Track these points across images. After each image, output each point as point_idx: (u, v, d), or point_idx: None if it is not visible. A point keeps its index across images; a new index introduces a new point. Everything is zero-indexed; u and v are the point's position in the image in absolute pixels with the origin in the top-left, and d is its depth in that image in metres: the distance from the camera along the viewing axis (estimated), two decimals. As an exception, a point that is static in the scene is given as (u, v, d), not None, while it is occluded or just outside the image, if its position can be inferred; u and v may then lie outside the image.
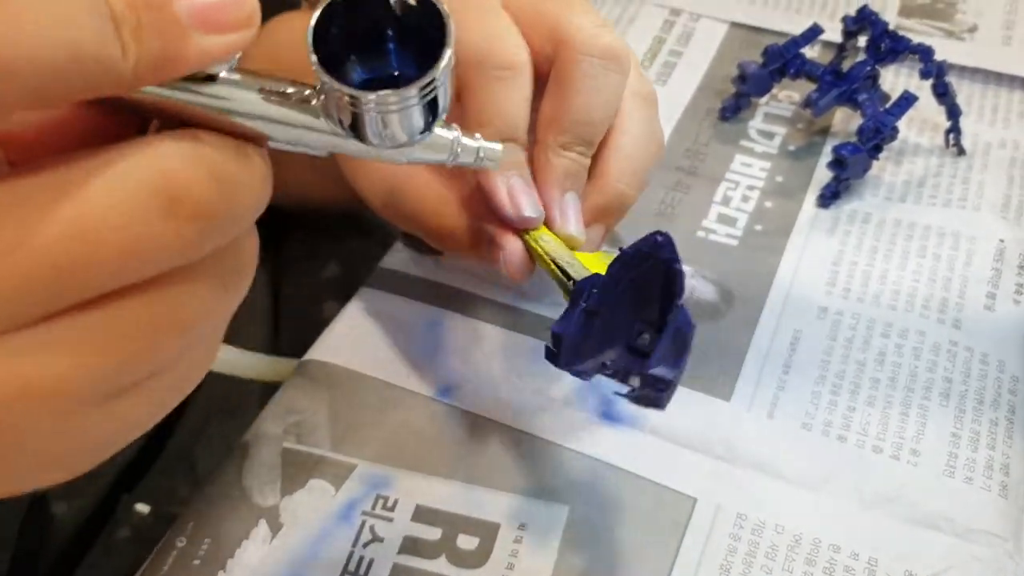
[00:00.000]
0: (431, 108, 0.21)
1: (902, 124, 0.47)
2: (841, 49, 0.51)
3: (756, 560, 0.34)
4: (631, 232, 0.46)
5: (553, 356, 0.30)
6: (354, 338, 0.42)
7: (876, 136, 0.45)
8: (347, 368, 0.41)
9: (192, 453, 0.45)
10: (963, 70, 0.52)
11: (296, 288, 0.59)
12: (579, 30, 0.34)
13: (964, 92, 0.51)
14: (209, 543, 0.36)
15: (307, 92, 0.21)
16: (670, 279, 0.28)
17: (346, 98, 0.20)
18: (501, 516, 0.36)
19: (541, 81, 0.35)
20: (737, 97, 0.51)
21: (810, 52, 0.53)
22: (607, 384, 0.39)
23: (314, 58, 0.20)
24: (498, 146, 0.27)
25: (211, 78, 0.20)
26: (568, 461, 0.37)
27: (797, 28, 0.50)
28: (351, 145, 0.22)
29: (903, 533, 0.34)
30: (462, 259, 0.38)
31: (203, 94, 0.20)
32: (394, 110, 0.20)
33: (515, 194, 0.33)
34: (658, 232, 0.30)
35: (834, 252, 0.44)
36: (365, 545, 0.35)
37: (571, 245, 0.34)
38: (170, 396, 0.22)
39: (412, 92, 0.20)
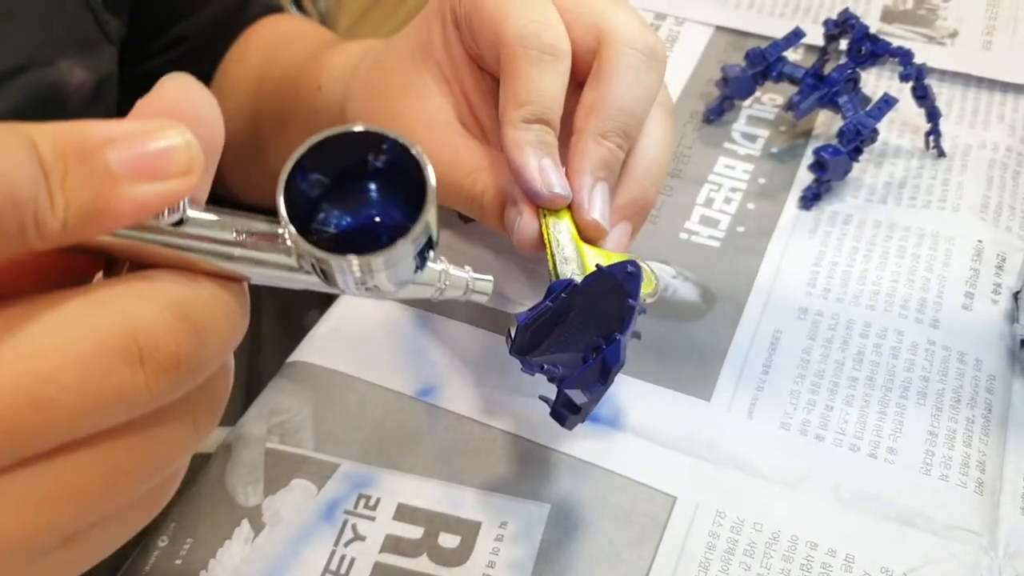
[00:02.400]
0: (419, 258, 0.20)
1: (883, 126, 0.47)
2: (823, 52, 0.51)
3: (734, 557, 0.34)
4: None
5: (510, 342, 0.30)
6: (337, 340, 0.42)
7: (856, 138, 0.45)
8: (330, 369, 0.41)
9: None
10: (943, 73, 0.52)
11: (279, 296, 0.59)
12: (624, 24, 0.34)
13: (944, 95, 0.51)
14: (191, 543, 0.36)
15: (279, 231, 0.20)
16: (623, 311, 0.29)
17: (316, 259, 0.19)
18: (482, 514, 0.36)
19: (578, 74, 0.35)
20: (721, 100, 0.51)
21: (793, 55, 0.53)
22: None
23: (285, 216, 0.18)
24: (489, 279, 0.26)
25: (179, 222, 0.19)
26: (549, 460, 0.37)
27: (781, 32, 0.51)
28: (329, 289, 0.20)
29: (880, 530, 0.35)
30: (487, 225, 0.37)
31: (170, 236, 0.19)
32: (377, 269, 0.19)
33: (546, 172, 0.33)
34: (631, 262, 0.30)
35: (815, 253, 0.44)
36: (347, 544, 0.35)
37: (594, 236, 0.34)
38: (132, 527, 0.21)
39: (381, 257, 0.19)
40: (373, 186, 0.20)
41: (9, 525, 0.17)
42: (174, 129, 0.18)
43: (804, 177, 0.48)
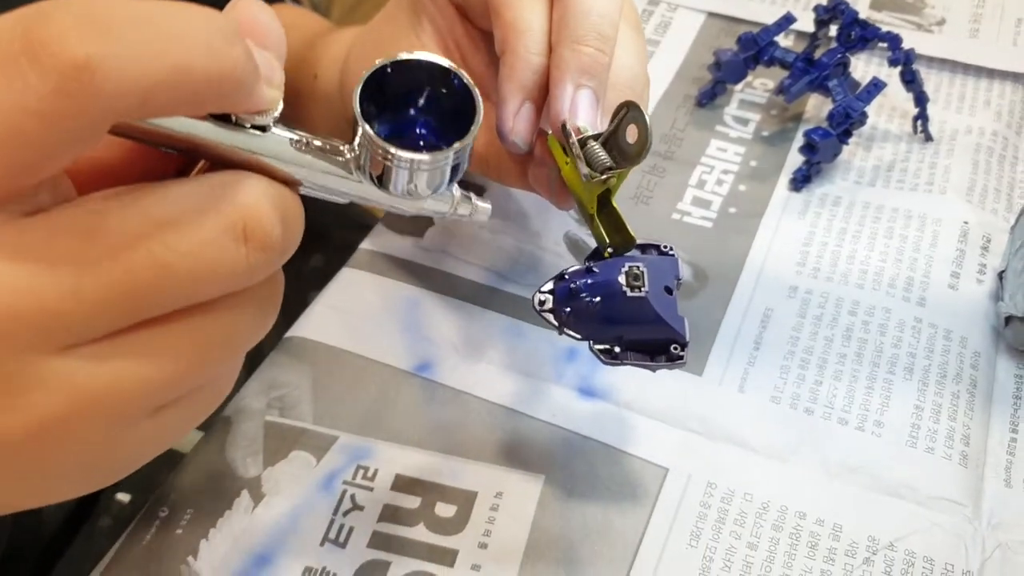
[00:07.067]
0: (455, 171, 0.24)
1: (872, 111, 0.48)
2: (813, 38, 0.52)
3: (725, 527, 0.35)
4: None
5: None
6: (335, 316, 0.43)
7: (846, 121, 0.46)
8: (328, 344, 0.41)
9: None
10: (931, 60, 0.53)
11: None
12: None
13: (932, 80, 0.52)
14: (192, 513, 0.36)
15: (340, 147, 0.24)
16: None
17: (386, 154, 0.23)
18: (478, 485, 0.36)
19: None
20: (713, 84, 0.52)
21: (784, 40, 0.54)
22: (583, 360, 0.40)
23: (359, 114, 0.23)
24: (488, 205, 0.31)
25: (264, 128, 0.22)
26: (544, 433, 0.38)
27: (772, 18, 0.51)
28: (374, 194, 0.24)
29: (867, 500, 0.36)
30: (511, 185, 0.38)
31: (258, 140, 0.22)
32: (425, 169, 0.23)
33: (520, 118, 0.33)
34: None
35: (805, 234, 0.45)
36: (345, 513, 0.36)
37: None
38: (205, 409, 0.23)
39: (445, 156, 0.23)
40: (421, 111, 0.25)
41: (122, 381, 0.19)
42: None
43: (795, 159, 0.48)
